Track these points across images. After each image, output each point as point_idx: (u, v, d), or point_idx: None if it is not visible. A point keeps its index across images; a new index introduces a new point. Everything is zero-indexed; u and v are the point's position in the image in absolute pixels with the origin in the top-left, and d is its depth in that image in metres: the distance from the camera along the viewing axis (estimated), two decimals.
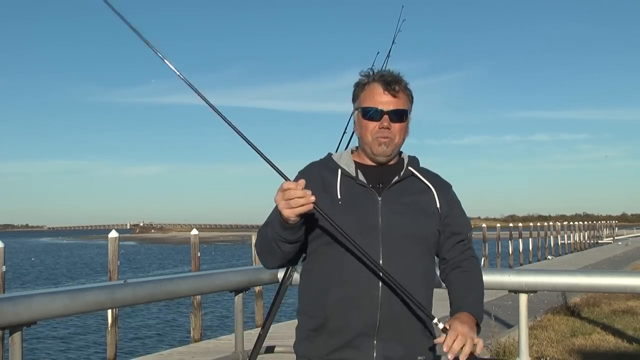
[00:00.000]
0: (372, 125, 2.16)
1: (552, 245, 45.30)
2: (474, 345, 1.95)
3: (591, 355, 7.61)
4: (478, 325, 2.07)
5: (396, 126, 2.15)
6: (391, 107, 2.15)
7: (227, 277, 3.36)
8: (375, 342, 2.05)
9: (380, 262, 2.04)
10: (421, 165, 2.28)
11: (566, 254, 42.89)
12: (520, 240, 42.01)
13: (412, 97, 2.23)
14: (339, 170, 2.17)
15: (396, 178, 2.17)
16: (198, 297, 15.88)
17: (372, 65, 2.33)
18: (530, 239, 44.05)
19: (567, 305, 11.53)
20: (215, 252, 58.00)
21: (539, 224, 51.72)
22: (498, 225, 43.62)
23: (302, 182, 1.88)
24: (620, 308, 11.33)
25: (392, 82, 2.16)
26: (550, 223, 51.27)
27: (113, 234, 17.62)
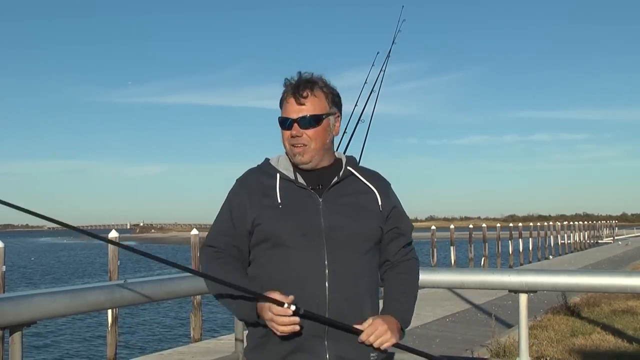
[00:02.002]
0: (286, 134, 2.17)
1: (552, 245, 45.32)
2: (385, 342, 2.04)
3: (591, 355, 7.61)
4: (402, 330, 2.13)
5: (309, 132, 2.14)
6: (300, 114, 2.14)
7: None
8: (326, 343, 2.06)
9: (326, 263, 2.05)
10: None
11: (566, 254, 42.91)
12: (520, 240, 42.03)
13: (334, 95, 2.20)
14: (278, 175, 2.17)
15: (335, 179, 2.18)
16: (198, 297, 15.87)
17: (376, 66, 2.35)
18: (530, 239, 44.08)
19: (567, 305, 11.52)
20: None
21: (539, 224, 51.70)
22: (498, 225, 43.67)
23: (290, 310, 1.92)
24: (620, 308, 11.32)
25: (300, 88, 2.15)
26: (550, 223, 51.26)
27: (113, 234, 17.63)
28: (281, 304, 1.93)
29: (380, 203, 2.19)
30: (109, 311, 14.26)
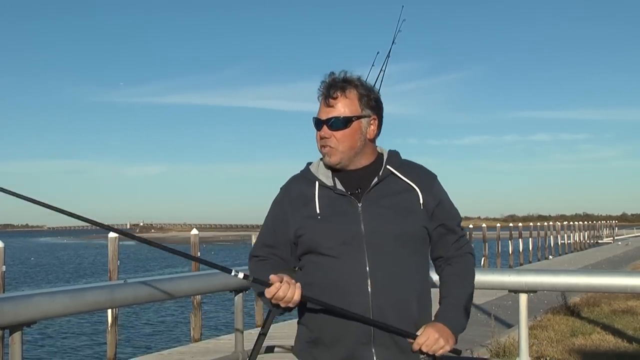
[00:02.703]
0: (317, 135, 2.17)
1: (552, 245, 45.29)
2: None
3: (591, 355, 7.61)
4: (456, 334, 2.11)
5: (337, 134, 2.12)
6: (328, 116, 2.13)
7: (227, 277, 3.35)
8: (373, 350, 2.05)
9: (367, 269, 2.04)
10: (410, 160, 2.24)
11: (566, 254, 42.89)
12: (520, 240, 42.00)
13: (369, 98, 2.16)
14: (317, 183, 2.17)
15: (375, 180, 2.14)
16: (198, 297, 15.89)
17: (376, 66, 2.35)
18: (530, 239, 44.04)
19: (567, 305, 11.52)
20: (215, 252, 58.00)
21: (539, 224, 51.71)
22: (498, 225, 43.64)
23: (282, 282, 1.99)
24: (620, 308, 11.32)
25: (331, 89, 2.14)
26: (550, 223, 51.25)
27: (113, 234, 17.62)
28: (268, 285, 1.99)
29: (422, 200, 2.13)
30: (109, 311, 14.26)
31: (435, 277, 2.31)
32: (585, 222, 63.36)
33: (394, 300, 2.06)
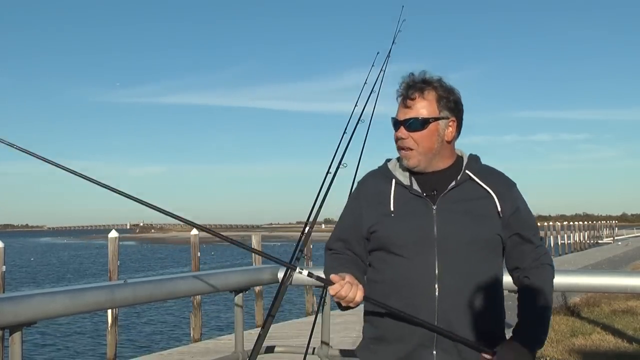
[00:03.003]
0: (395, 136, 2.15)
1: (552, 245, 45.24)
2: None
3: (591, 355, 7.60)
4: (533, 352, 2.06)
5: (414, 136, 2.09)
6: (405, 116, 2.11)
7: (227, 277, 3.37)
8: (434, 352, 2.04)
9: (436, 272, 2.02)
10: (489, 165, 2.20)
11: (566, 253, 42.83)
12: None
13: (449, 100, 2.12)
14: (393, 180, 2.15)
15: (452, 184, 2.10)
16: (198, 297, 15.88)
17: (376, 66, 2.34)
18: None
19: (567, 305, 11.53)
20: (215, 252, 57.98)
21: (539, 224, 51.51)
22: None
23: (344, 280, 1.98)
24: (620, 308, 11.32)
25: (410, 89, 2.11)
26: (550, 223, 51.22)
27: (113, 234, 17.61)
28: (330, 283, 1.99)
29: (499, 209, 2.08)
30: (109, 311, 14.25)
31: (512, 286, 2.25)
32: (585, 222, 63.26)
33: (460, 306, 2.03)
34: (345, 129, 2.92)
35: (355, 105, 2.66)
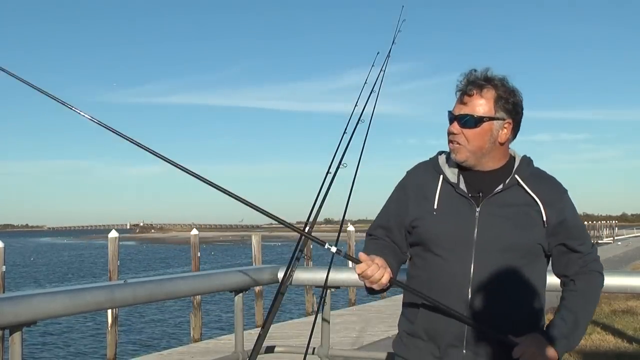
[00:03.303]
0: (448, 130, 2.13)
1: None
2: None
3: (591, 355, 7.60)
4: (559, 351, 2.02)
5: (466, 132, 2.07)
6: (460, 112, 2.08)
7: (227, 277, 3.36)
8: (464, 352, 2.04)
9: (471, 275, 2.02)
10: (540, 169, 2.17)
11: None
12: None
13: (508, 101, 2.08)
14: (441, 176, 2.14)
15: (499, 187, 2.07)
16: (198, 297, 15.89)
17: (376, 66, 2.33)
18: None
19: None
20: (215, 252, 57.99)
21: None
22: None
23: (373, 262, 1.97)
24: (620, 308, 11.32)
25: (469, 86, 2.09)
26: None
27: (113, 234, 17.63)
28: (357, 261, 1.98)
29: (544, 217, 2.04)
30: (109, 311, 14.25)
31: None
32: (586, 222, 63.09)
33: (490, 312, 2.02)
34: (345, 129, 2.91)
35: (355, 105, 2.66)
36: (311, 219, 2.57)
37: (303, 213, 2.66)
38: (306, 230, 2.59)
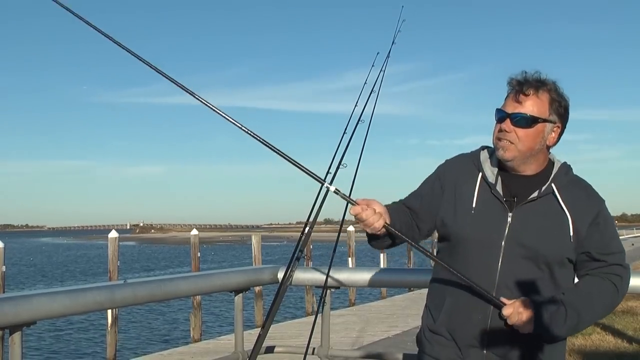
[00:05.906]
0: (497, 127, 2.11)
1: None
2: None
3: (591, 355, 7.60)
4: (537, 328, 1.97)
5: (519, 131, 2.05)
6: (515, 110, 2.07)
7: (227, 277, 3.36)
8: (485, 351, 2.05)
9: (496, 280, 2.03)
10: (578, 177, 2.16)
11: None
12: None
13: (560, 105, 2.09)
14: (480, 174, 2.14)
15: (534, 194, 2.07)
16: (198, 297, 15.89)
17: (376, 66, 2.33)
18: None
19: None
20: (215, 252, 57.98)
21: None
22: None
23: (369, 205, 2.00)
24: (620, 308, 11.30)
25: (525, 85, 2.08)
26: None
27: (113, 234, 17.64)
28: (354, 203, 2.02)
29: (572, 231, 2.03)
30: (109, 311, 14.26)
31: None
32: None
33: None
34: (345, 129, 2.91)
35: (355, 106, 2.66)
36: (311, 219, 2.57)
37: (303, 213, 2.66)
38: (306, 230, 2.60)
